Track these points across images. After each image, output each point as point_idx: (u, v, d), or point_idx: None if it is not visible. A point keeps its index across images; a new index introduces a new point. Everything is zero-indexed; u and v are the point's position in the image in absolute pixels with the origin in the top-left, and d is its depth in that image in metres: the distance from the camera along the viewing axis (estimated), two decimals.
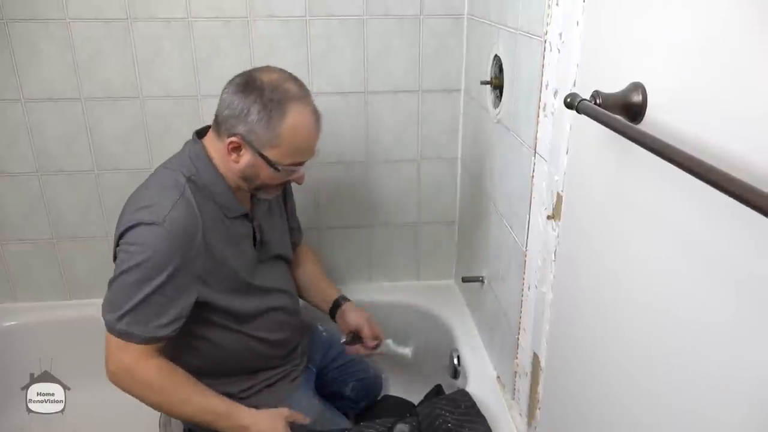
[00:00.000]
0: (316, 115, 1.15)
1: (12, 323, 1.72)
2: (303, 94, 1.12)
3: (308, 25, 1.55)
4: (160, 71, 1.56)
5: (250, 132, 1.09)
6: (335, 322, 1.45)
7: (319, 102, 1.61)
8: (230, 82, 1.13)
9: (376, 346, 1.39)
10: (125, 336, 1.10)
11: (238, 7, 1.51)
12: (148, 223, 1.07)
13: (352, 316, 1.40)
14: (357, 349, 1.39)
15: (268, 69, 1.14)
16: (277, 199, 1.36)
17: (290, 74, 1.14)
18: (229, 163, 1.14)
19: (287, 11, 1.53)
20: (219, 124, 1.13)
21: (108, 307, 1.11)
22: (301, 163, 1.16)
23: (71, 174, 1.65)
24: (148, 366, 1.12)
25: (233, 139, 1.10)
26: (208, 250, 1.13)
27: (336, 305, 1.44)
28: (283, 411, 1.23)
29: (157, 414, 1.24)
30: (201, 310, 1.16)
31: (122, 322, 1.09)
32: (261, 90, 1.08)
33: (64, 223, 1.70)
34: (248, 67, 1.15)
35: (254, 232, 1.25)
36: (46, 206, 1.67)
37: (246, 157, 1.12)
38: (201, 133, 1.21)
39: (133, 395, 1.14)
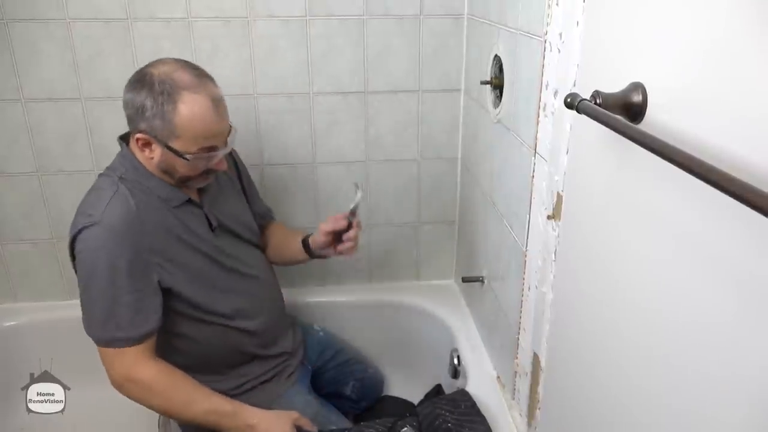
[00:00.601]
0: (213, 99, 1.11)
1: (12, 323, 1.72)
2: (196, 82, 1.10)
3: (308, 25, 1.55)
4: None
5: (151, 127, 1.10)
6: (320, 256, 1.41)
7: (319, 102, 1.64)
8: (128, 81, 1.13)
9: (352, 215, 1.33)
10: (115, 343, 1.11)
11: (238, 7, 1.51)
12: (88, 225, 1.08)
13: (318, 232, 1.37)
14: (349, 240, 1.34)
15: (160, 62, 1.13)
16: (232, 184, 1.37)
17: (185, 63, 1.13)
18: (147, 159, 1.15)
19: (287, 11, 1.53)
20: (129, 124, 1.15)
21: (87, 322, 1.13)
22: (212, 148, 1.14)
23: (71, 174, 1.65)
24: (147, 368, 1.13)
25: (139, 135, 1.11)
26: (158, 238, 1.14)
27: (305, 243, 1.41)
28: (293, 413, 1.23)
29: (156, 414, 1.24)
30: (172, 303, 1.17)
31: (107, 332, 1.10)
32: (151, 84, 1.08)
33: (64, 223, 1.68)
34: (248, 67, 1.15)
35: (207, 218, 1.24)
36: (46, 206, 1.67)
37: (157, 151, 1.13)
38: (126, 137, 1.21)
39: (139, 402, 1.15)
